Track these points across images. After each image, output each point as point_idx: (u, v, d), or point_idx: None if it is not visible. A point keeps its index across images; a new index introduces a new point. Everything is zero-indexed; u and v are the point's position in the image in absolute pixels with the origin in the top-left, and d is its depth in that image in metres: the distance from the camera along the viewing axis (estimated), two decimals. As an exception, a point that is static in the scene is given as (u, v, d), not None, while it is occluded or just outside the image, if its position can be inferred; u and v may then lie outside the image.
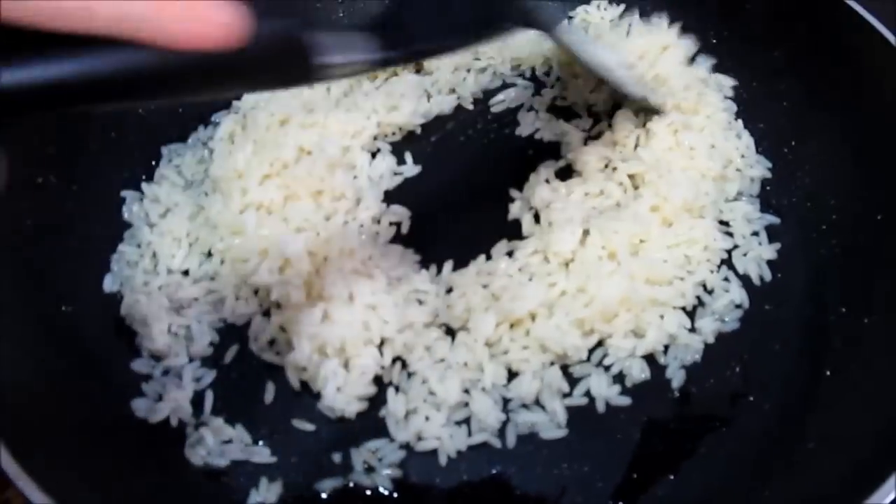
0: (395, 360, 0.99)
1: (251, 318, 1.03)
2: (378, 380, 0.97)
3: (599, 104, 1.23)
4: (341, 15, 1.31)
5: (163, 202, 1.14)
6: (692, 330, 1.01)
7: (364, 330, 0.97)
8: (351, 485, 0.91)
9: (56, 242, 1.05)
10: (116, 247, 1.10)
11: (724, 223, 1.11)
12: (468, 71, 1.29)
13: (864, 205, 1.05)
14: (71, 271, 1.05)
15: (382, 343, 0.98)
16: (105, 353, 1.00)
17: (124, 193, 1.15)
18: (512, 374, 0.97)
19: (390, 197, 1.15)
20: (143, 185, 1.16)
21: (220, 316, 1.04)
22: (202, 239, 1.09)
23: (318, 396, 0.96)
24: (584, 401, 0.96)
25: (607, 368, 0.98)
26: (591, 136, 1.20)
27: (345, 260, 1.02)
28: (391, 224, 1.12)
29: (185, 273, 1.08)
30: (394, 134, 1.22)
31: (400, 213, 1.13)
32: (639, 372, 0.98)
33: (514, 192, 1.14)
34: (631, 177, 1.12)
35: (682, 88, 1.19)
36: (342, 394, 0.94)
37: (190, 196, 1.15)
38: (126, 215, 1.14)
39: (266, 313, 1.03)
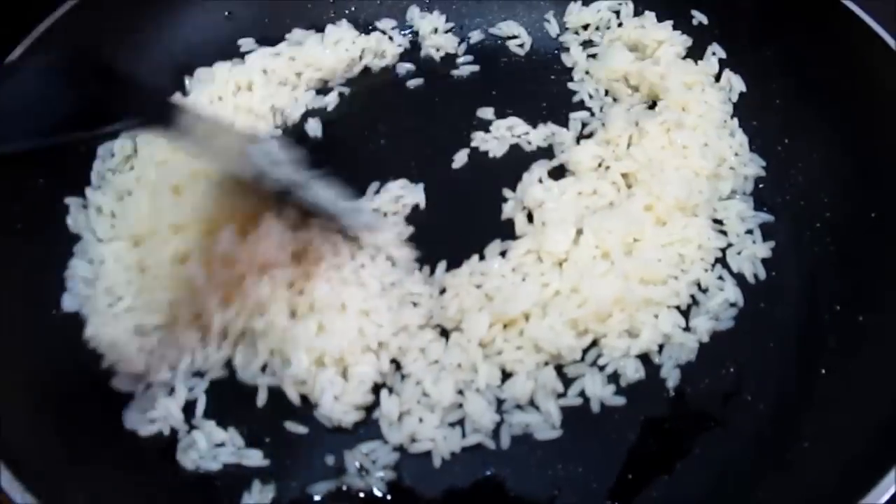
0: (389, 362, 0.98)
1: (232, 353, 0.99)
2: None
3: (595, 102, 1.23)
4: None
5: (105, 212, 1.08)
6: (687, 329, 1.01)
7: (360, 336, 0.96)
8: (344, 487, 0.91)
9: (47, 246, 1.04)
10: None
11: (717, 222, 1.10)
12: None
13: (858, 202, 1.05)
14: (61, 275, 1.04)
15: (379, 347, 0.97)
16: (96, 356, 0.99)
17: (68, 201, 1.09)
18: (506, 375, 0.97)
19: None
20: (88, 191, 1.10)
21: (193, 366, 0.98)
22: (147, 286, 1.01)
23: (314, 405, 0.95)
24: (578, 401, 0.96)
25: (602, 368, 0.98)
26: (584, 135, 1.19)
27: (332, 272, 1.01)
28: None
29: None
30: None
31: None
32: (633, 372, 0.97)
33: (507, 192, 1.14)
34: (624, 176, 1.12)
35: (680, 85, 1.19)
36: (339, 403, 0.93)
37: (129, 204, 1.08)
38: (71, 225, 1.08)
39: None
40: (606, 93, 1.26)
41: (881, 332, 0.94)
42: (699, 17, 1.26)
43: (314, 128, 1.22)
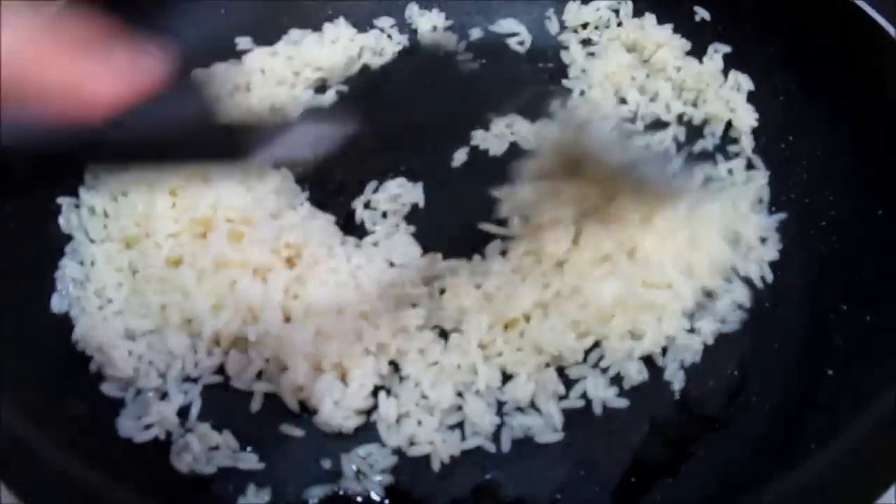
0: (387, 364, 0.96)
1: (224, 360, 0.97)
2: (371, 385, 0.95)
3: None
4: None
5: (98, 212, 1.07)
6: (691, 331, 0.99)
7: (358, 340, 0.94)
8: (341, 492, 0.89)
9: (40, 246, 1.03)
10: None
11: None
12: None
13: (863, 200, 1.03)
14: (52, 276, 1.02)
15: (378, 349, 0.95)
16: (87, 358, 0.97)
17: (60, 200, 1.07)
18: (506, 377, 0.95)
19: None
20: (81, 191, 1.08)
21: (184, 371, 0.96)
22: (138, 289, 1.00)
23: (313, 411, 0.93)
24: (580, 403, 0.94)
25: (604, 370, 0.96)
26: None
27: (328, 275, 0.99)
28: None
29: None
30: (383, 134, 1.20)
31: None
32: (637, 373, 0.96)
33: (506, 191, 1.12)
34: (626, 174, 1.10)
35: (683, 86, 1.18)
36: (340, 408, 0.92)
37: (123, 205, 1.06)
38: (63, 225, 1.06)
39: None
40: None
41: (888, 331, 0.93)
42: (701, 14, 1.25)
43: (312, 127, 1.21)
